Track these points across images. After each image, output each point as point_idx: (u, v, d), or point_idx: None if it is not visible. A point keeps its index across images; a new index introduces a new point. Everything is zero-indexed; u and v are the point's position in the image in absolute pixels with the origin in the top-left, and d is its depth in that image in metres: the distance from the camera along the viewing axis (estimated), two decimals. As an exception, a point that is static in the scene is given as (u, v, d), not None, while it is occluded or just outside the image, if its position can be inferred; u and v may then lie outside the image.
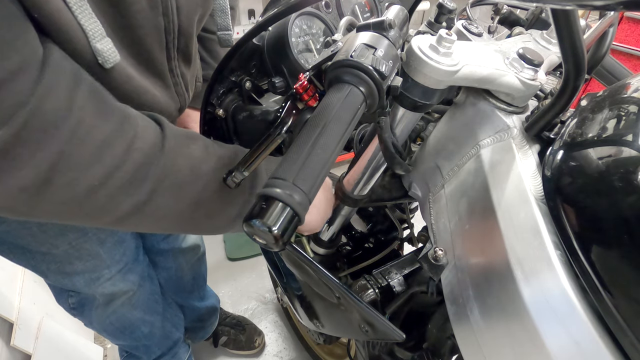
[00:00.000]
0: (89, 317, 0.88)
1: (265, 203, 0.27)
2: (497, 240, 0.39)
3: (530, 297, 0.35)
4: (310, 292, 0.70)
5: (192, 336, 1.30)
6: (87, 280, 0.74)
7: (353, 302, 0.57)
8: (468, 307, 0.44)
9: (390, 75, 0.35)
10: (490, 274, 0.41)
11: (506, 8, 0.60)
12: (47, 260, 0.67)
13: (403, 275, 0.69)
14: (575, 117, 0.41)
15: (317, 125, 0.31)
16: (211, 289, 1.32)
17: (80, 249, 0.68)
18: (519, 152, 0.40)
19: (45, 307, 1.13)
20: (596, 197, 0.33)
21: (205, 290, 1.27)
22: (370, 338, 0.60)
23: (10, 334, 0.92)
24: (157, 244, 1.01)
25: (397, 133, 0.49)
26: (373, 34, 0.36)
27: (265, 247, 0.28)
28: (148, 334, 1.02)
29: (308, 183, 0.28)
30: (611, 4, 0.23)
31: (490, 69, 0.40)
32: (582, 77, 0.34)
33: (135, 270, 0.85)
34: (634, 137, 0.33)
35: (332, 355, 1.25)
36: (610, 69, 0.61)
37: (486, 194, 0.41)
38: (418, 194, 0.57)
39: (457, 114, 0.48)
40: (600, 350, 0.31)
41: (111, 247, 0.74)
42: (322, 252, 0.78)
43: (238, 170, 0.40)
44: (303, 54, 0.60)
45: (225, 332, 1.37)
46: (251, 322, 1.42)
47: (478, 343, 0.44)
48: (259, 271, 1.64)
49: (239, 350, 1.37)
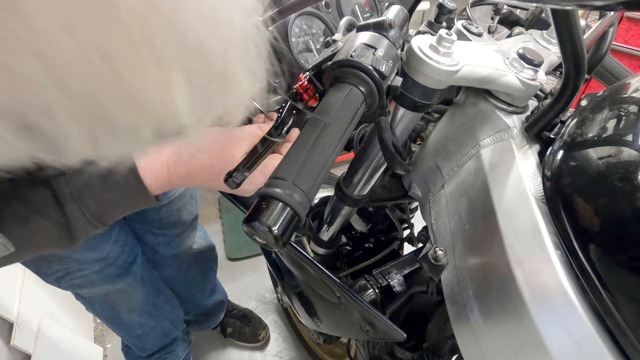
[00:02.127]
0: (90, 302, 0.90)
1: (265, 203, 0.27)
2: (497, 240, 0.39)
3: (530, 297, 0.35)
4: (311, 291, 0.70)
5: (196, 327, 1.31)
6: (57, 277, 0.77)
7: (354, 301, 0.57)
8: (468, 307, 0.44)
9: (390, 75, 0.35)
10: (490, 274, 0.41)
11: (506, 8, 0.60)
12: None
13: (403, 275, 0.69)
14: (575, 117, 0.41)
15: (317, 125, 0.31)
16: (220, 284, 1.33)
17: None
18: (519, 152, 0.40)
19: (45, 307, 1.13)
20: (596, 197, 0.33)
21: (215, 285, 1.29)
22: (371, 338, 0.60)
23: (10, 334, 0.92)
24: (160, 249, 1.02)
25: (397, 133, 0.49)
26: (373, 34, 0.36)
27: (265, 247, 0.28)
28: (142, 335, 1.03)
29: (308, 183, 0.28)
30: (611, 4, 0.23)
31: (490, 69, 0.40)
32: (582, 77, 0.34)
33: (122, 272, 0.86)
34: (634, 137, 0.33)
35: (332, 355, 1.25)
36: (610, 69, 0.61)
37: (486, 194, 0.41)
38: (418, 194, 0.57)
39: (457, 114, 0.48)
40: (600, 350, 0.31)
41: (84, 251, 0.75)
42: (322, 252, 0.78)
43: (239, 171, 0.40)
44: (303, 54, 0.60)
45: (231, 324, 1.40)
46: (257, 316, 1.45)
47: (478, 343, 0.44)
48: (259, 271, 1.64)
49: (243, 342, 1.39)
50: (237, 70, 0.23)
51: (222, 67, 0.22)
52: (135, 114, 0.20)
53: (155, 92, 0.19)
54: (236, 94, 0.24)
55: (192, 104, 0.21)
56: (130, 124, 0.20)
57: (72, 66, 0.16)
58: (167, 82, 0.19)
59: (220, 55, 0.21)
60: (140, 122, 0.20)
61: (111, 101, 0.18)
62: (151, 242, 0.99)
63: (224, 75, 0.23)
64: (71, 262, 0.75)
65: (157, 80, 0.19)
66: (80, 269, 0.77)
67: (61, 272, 0.76)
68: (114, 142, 0.21)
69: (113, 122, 0.19)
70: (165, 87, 0.19)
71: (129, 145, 0.22)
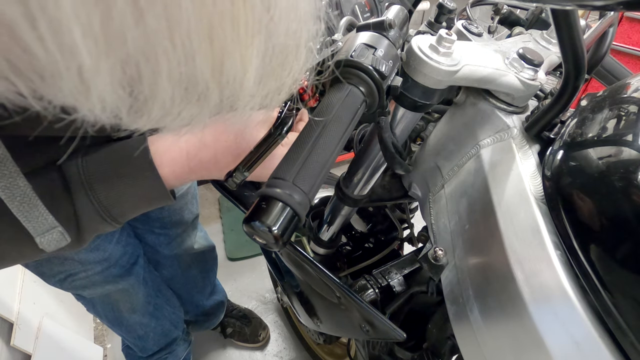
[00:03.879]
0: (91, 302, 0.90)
1: (265, 203, 0.27)
2: (497, 240, 0.39)
3: (530, 297, 0.35)
4: (311, 291, 0.70)
5: (196, 327, 1.31)
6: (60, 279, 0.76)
7: (354, 301, 0.57)
8: (468, 307, 0.44)
9: (390, 75, 0.35)
10: (490, 274, 0.41)
11: (506, 8, 0.60)
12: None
13: (403, 275, 0.69)
14: (575, 117, 0.41)
15: (317, 125, 0.31)
16: (220, 284, 1.33)
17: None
18: (519, 152, 0.40)
19: (45, 307, 1.13)
20: (596, 197, 0.33)
21: (214, 286, 1.29)
22: (371, 337, 0.60)
23: (10, 334, 0.92)
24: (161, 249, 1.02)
25: (397, 133, 0.49)
26: (373, 34, 0.36)
27: (265, 247, 0.28)
28: (143, 335, 1.03)
29: (308, 183, 0.28)
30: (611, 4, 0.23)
31: (490, 69, 0.40)
32: (582, 77, 0.34)
33: (124, 273, 0.86)
34: (634, 137, 0.33)
35: (332, 355, 1.26)
36: (610, 69, 0.61)
37: (486, 194, 0.41)
38: (418, 194, 0.57)
39: (457, 114, 0.48)
40: (600, 350, 0.31)
41: (86, 251, 0.75)
42: (322, 252, 0.78)
43: (239, 171, 0.39)
44: (303, 54, 0.60)
45: (231, 324, 1.40)
46: (257, 316, 1.45)
47: (478, 343, 0.44)
48: (259, 271, 1.64)
49: (243, 342, 1.40)
50: (300, 46, 0.23)
51: (290, 42, 0.22)
52: (213, 78, 0.20)
53: (238, 58, 0.20)
54: (292, 73, 0.25)
55: (257, 75, 0.22)
56: (205, 90, 0.21)
57: (186, 25, 0.17)
58: (249, 50, 0.20)
59: (293, 29, 0.22)
60: (213, 88, 0.21)
61: (203, 62, 0.19)
62: (152, 241, 0.99)
63: (288, 50, 0.23)
64: (74, 263, 0.75)
65: (243, 46, 0.20)
66: (83, 270, 0.77)
67: (64, 273, 0.76)
68: (185, 107, 0.21)
69: (195, 86, 0.20)
70: (247, 53, 0.20)
71: (195, 112, 0.22)
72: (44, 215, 0.34)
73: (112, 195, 0.38)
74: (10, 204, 0.32)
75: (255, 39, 0.20)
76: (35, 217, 0.33)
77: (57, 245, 0.36)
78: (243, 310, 1.44)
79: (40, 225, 0.34)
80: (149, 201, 0.41)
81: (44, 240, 0.35)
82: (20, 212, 0.33)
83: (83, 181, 0.37)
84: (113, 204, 0.38)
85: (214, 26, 0.18)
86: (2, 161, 0.31)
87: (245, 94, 0.23)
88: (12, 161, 0.31)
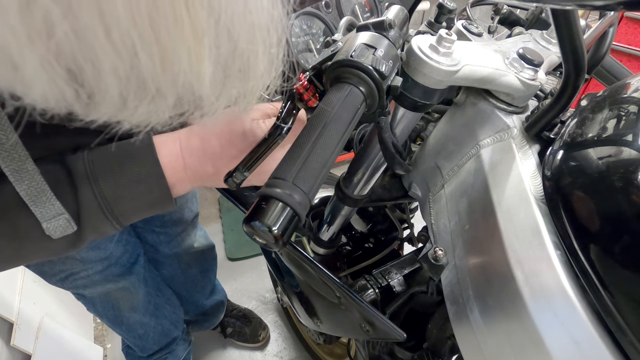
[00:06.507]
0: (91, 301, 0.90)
1: (265, 203, 0.27)
2: (497, 240, 0.39)
3: (530, 297, 0.35)
4: (311, 291, 0.70)
5: (196, 327, 1.31)
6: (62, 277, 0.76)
7: (354, 301, 0.57)
8: (468, 307, 0.44)
9: (390, 75, 0.35)
10: (490, 274, 0.41)
11: (506, 8, 0.60)
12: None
13: (403, 275, 0.69)
14: (575, 117, 0.41)
15: (317, 125, 0.31)
16: (220, 284, 1.33)
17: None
18: (519, 152, 0.40)
19: (45, 307, 1.13)
20: (596, 197, 0.33)
21: (214, 286, 1.29)
22: (371, 337, 0.60)
23: (10, 334, 0.92)
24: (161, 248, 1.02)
25: (397, 133, 0.49)
26: (373, 34, 0.36)
27: (265, 247, 0.28)
28: (143, 334, 1.03)
29: (308, 183, 0.28)
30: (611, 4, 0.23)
31: (490, 69, 0.40)
32: (582, 77, 0.34)
33: (125, 272, 0.86)
34: (634, 137, 0.33)
35: (332, 355, 1.26)
36: (610, 69, 0.61)
37: (486, 194, 0.41)
38: (418, 194, 0.57)
39: (457, 114, 0.48)
40: (600, 350, 0.31)
41: (87, 249, 0.75)
42: (322, 252, 0.78)
43: (239, 171, 0.39)
44: (303, 54, 0.60)
45: (231, 324, 1.40)
46: (257, 316, 1.45)
47: (478, 343, 0.44)
48: (259, 271, 1.64)
49: (243, 342, 1.40)
50: (259, 53, 0.24)
51: (246, 47, 0.23)
52: (165, 77, 0.21)
53: (186, 59, 0.21)
54: (254, 77, 0.25)
55: (214, 78, 0.23)
56: (158, 88, 0.22)
57: (124, 23, 0.18)
58: (198, 51, 0.21)
59: (246, 36, 0.23)
60: (167, 86, 0.22)
61: (149, 61, 0.20)
62: (152, 240, 0.99)
63: (245, 55, 0.24)
64: (75, 262, 0.75)
65: (190, 47, 0.20)
66: (84, 269, 0.77)
67: (65, 272, 0.76)
68: (140, 104, 0.22)
69: (145, 83, 0.21)
70: (196, 54, 0.21)
71: (152, 109, 0.23)
72: (51, 201, 0.34)
73: (116, 191, 0.38)
74: (19, 187, 0.33)
75: (205, 39, 0.21)
76: (42, 202, 0.34)
77: (63, 232, 0.36)
78: (243, 310, 1.44)
79: (47, 211, 0.34)
80: (151, 203, 0.41)
81: (50, 226, 0.35)
82: (28, 195, 0.33)
83: (88, 175, 0.37)
84: (116, 200, 0.38)
85: (156, 25, 0.18)
86: (13, 146, 0.31)
87: (207, 96, 0.24)
88: (22, 146, 0.32)
